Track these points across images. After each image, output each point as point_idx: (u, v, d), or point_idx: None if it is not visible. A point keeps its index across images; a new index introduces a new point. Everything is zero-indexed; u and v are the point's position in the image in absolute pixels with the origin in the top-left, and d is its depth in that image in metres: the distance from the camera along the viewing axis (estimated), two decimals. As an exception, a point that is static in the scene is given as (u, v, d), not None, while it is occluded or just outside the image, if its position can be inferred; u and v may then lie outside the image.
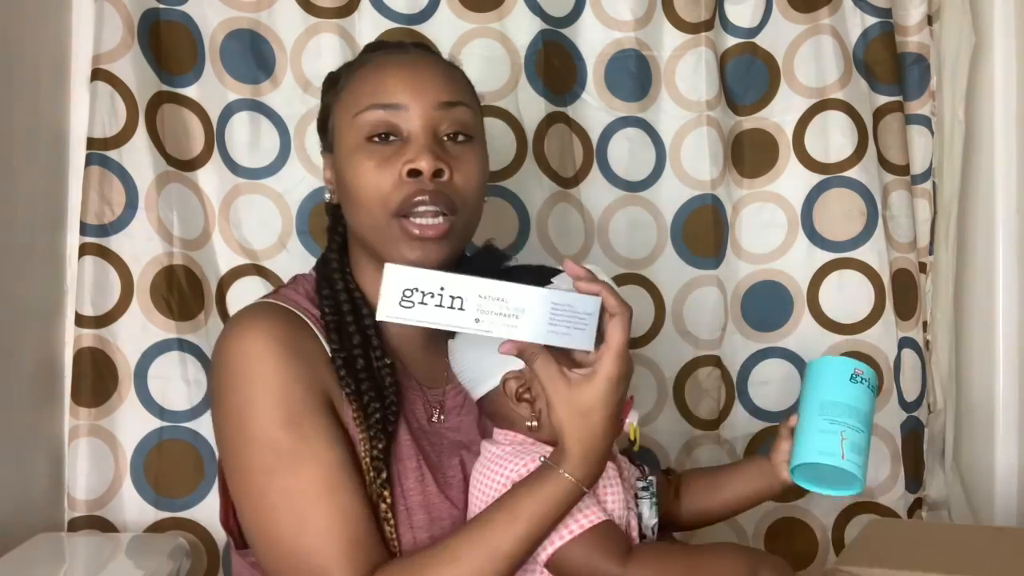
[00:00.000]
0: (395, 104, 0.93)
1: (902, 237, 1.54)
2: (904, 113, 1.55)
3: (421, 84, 0.94)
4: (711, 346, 1.52)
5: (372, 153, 0.93)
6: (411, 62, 0.97)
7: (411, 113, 0.93)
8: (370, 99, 0.94)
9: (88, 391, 1.32)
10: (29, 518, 1.26)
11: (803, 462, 0.97)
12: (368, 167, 0.93)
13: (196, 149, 1.40)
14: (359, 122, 0.94)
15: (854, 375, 0.99)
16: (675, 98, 1.52)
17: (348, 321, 0.95)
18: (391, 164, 0.92)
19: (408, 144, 0.93)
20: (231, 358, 0.91)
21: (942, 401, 1.59)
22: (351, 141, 0.95)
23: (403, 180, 0.91)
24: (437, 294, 0.79)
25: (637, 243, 1.52)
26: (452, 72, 1.00)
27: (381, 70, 0.96)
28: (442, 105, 0.94)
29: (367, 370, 0.93)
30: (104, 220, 1.34)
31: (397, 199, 0.91)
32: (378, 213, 0.93)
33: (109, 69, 1.34)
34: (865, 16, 1.53)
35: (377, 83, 0.94)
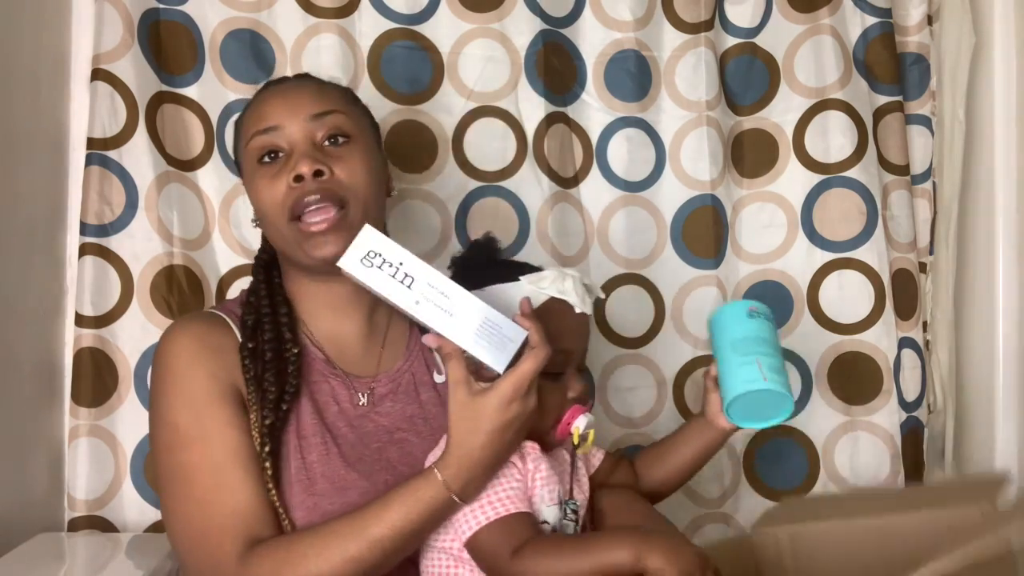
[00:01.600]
0: (272, 127, 1.04)
1: (902, 237, 1.54)
2: (904, 113, 1.55)
3: (292, 104, 1.05)
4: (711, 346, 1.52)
5: (264, 172, 1.04)
6: (283, 88, 1.09)
7: (287, 130, 1.03)
8: (253, 127, 1.05)
9: (88, 391, 1.32)
10: (29, 518, 1.26)
11: (733, 397, 1.03)
12: (263, 184, 1.03)
13: (196, 149, 1.40)
14: (249, 149, 1.05)
15: (750, 312, 1.07)
16: (675, 98, 1.52)
17: (264, 316, 1.06)
18: (280, 177, 1.02)
19: (291, 157, 1.03)
20: (155, 352, 1.04)
21: (942, 401, 1.59)
22: (248, 167, 1.06)
23: (291, 187, 1.01)
24: (395, 266, 0.89)
25: (637, 243, 1.52)
26: (323, 87, 1.10)
27: (260, 102, 1.07)
28: (314, 117, 1.04)
29: (274, 360, 1.02)
30: (104, 220, 1.34)
31: (289, 203, 1.01)
32: (279, 222, 1.03)
33: (109, 69, 1.34)
34: (865, 16, 1.54)
35: (256, 113, 1.06)
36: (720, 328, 1.09)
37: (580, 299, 0.98)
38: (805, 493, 1.52)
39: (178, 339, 1.03)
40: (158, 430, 1.00)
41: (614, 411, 1.50)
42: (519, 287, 0.98)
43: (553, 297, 0.98)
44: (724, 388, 1.05)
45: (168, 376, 1.00)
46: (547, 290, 0.98)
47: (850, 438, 1.52)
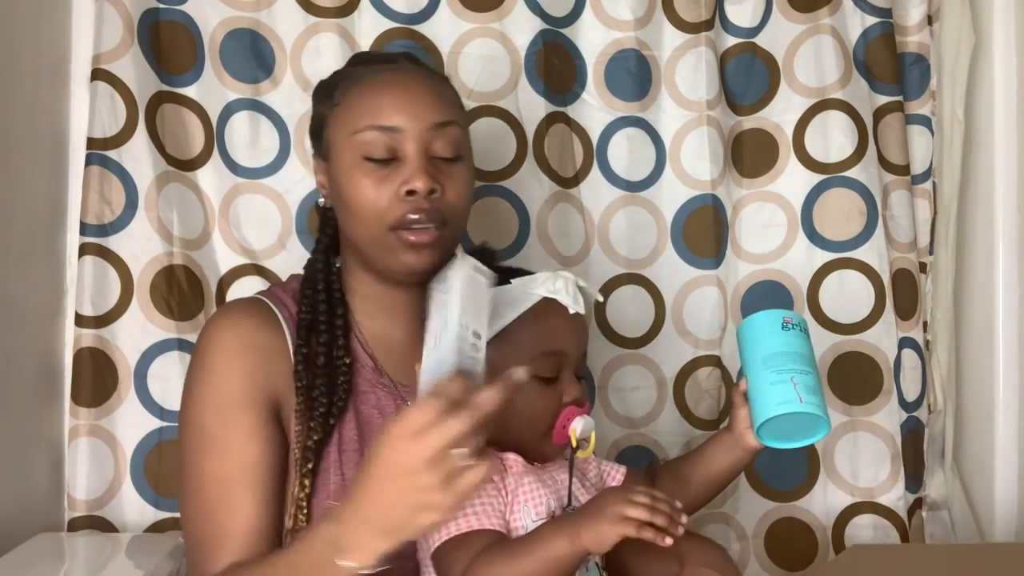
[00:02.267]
0: (392, 127, 0.98)
1: (902, 237, 1.54)
2: (904, 113, 1.55)
3: (416, 106, 0.99)
4: (711, 346, 1.52)
5: (369, 171, 0.98)
6: (405, 82, 1.01)
7: (407, 135, 0.98)
8: (368, 120, 0.98)
9: (88, 391, 1.32)
10: (29, 518, 1.26)
11: (765, 419, 0.97)
12: (366, 184, 0.98)
13: (196, 149, 1.40)
14: (356, 141, 0.98)
15: (784, 324, 1.01)
16: (675, 98, 1.52)
17: (321, 320, 1.01)
18: (388, 182, 0.97)
19: (404, 164, 0.98)
20: (198, 342, 1.02)
21: (942, 401, 1.59)
22: (349, 158, 0.99)
23: (400, 198, 0.97)
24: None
25: (637, 243, 1.52)
26: (444, 89, 1.05)
27: (377, 91, 1.00)
28: (435, 126, 0.99)
29: (326, 367, 0.99)
30: (104, 220, 1.34)
31: (394, 216, 0.97)
32: (375, 227, 0.98)
33: (109, 69, 1.34)
34: (865, 16, 1.54)
35: (374, 104, 0.99)
36: (752, 340, 1.02)
37: (572, 299, 0.96)
38: (805, 493, 1.52)
39: (221, 333, 0.99)
40: (185, 428, 0.98)
41: (614, 411, 1.50)
42: (509, 290, 0.97)
43: (544, 298, 0.96)
44: (756, 407, 0.99)
45: (204, 373, 0.98)
46: (537, 290, 0.96)
47: (850, 438, 1.52)
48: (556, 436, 0.95)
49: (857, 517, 1.51)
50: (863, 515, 1.50)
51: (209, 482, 0.95)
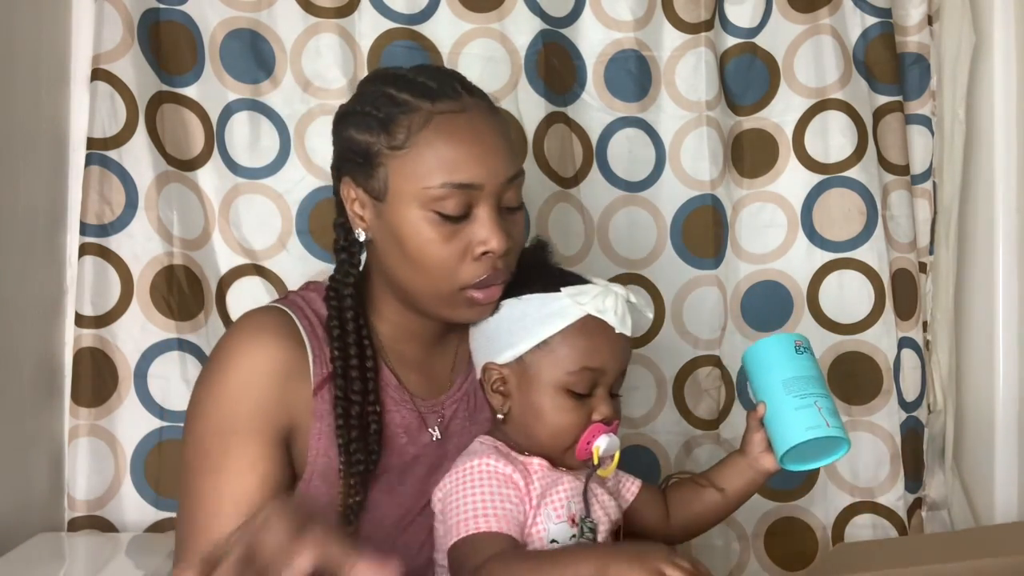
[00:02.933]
0: (470, 184, 0.91)
1: (902, 237, 1.54)
2: (904, 113, 1.55)
3: (494, 161, 0.93)
4: (711, 346, 1.52)
5: (439, 226, 0.92)
6: (481, 133, 0.93)
7: (483, 192, 0.92)
8: (444, 177, 0.91)
9: (88, 391, 1.32)
10: (29, 518, 1.26)
11: (795, 444, 0.96)
12: (435, 240, 0.92)
13: (196, 149, 1.40)
14: (428, 195, 0.91)
15: (797, 347, 1.00)
16: (675, 98, 1.52)
17: (353, 366, 0.96)
18: (458, 238, 0.92)
19: (476, 221, 0.92)
20: (216, 350, 0.97)
21: (942, 401, 1.59)
22: (416, 211, 0.92)
23: (474, 258, 0.93)
24: None
25: (637, 243, 1.52)
26: (509, 132, 0.99)
27: (454, 143, 0.92)
28: (509, 180, 0.94)
29: (360, 417, 0.96)
30: (104, 220, 1.34)
31: (467, 276, 0.93)
32: (443, 285, 0.94)
33: (109, 69, 1.34)
34: (865, 16, 1.53)
35: (451, 159, 0.91)
36: (766, 365, 1.01)
37: (620, 319, 0.95)
38: (805, 493, 1.52)
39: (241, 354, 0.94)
40: (187, 438, 0.95)
41: (614, 411, 1.50)
42: (558, 298, 0.96)
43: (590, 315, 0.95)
44: (779, 433, 0.97)
45: (215, 391, 0.94)
46: (585, 306, 0.95)
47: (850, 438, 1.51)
48: (579, 451, 0.95)
49: (857, 517, 1.51)
50: (863, 515, 1.50)
51: (200, 503, 0.92)
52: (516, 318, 0.97)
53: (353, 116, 0.96)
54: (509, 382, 0.97)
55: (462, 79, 0.99)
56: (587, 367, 0.94)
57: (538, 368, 0.95)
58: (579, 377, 0.94)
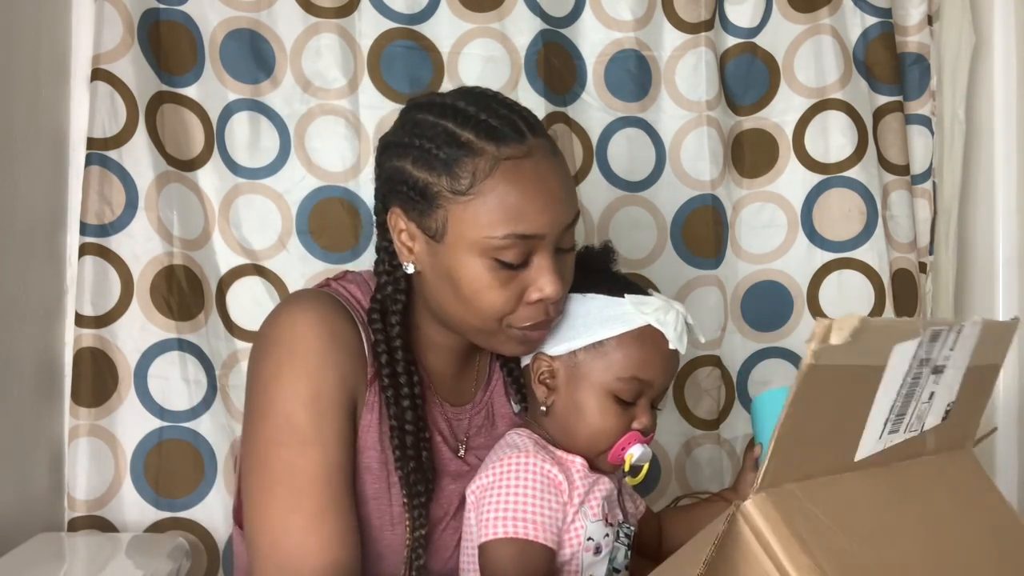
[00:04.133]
0: (534, 235, 0.90)
1: (902, 237, 1.54)
2: (904, 113, 1.55)
3: (556, 209, 0.91)
4: (711, 346, 1.52)
5: (497, 272, 0.91)
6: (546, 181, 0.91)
7: (545, 241, 0.91)
8: (508, 228, 0.89)
9: (88, 391, 1.32)
10: (29, 518, 1.26)
11: None
12: (492, 286, 0.91)
13: (196, 149, 1.40)
14: (490, 244, 0.90)
15: None
16: (675, 98, 1.52)
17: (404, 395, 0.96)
18: (515, 283, 0.92)
19: (535, 269, 0.92)
20: (276, 327, 0.94)
21: (942, 401, 1.59)
22: (475, 258, 0.91)
23: (528, 303, 0.92)
24: None
25: (637, 243, 1.52)
26: (568, 175, 0.96)
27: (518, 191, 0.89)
28: (567, 227, 0.93)
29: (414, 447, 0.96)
30: (104, 220, 1.34)
31: (521, 320, 0.93)
32: (493, 324, 0.94)
33: (109, 69, 1.34)
34: (865, 16, 1.53)
35: (516, 211, 0.89)
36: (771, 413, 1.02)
37: (677, 335, 0.96)
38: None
39: (314, 323, 0.93)
40: (267, 417, 0.91)
41: (614, 411, 1.50)
42: (621, 303, 0.97)
43: (650, 324, 0.96)
44: None
45: (295, 361, 0.91)
46: (647, 316, 0.96)
47: (850, 438, 1.52)
48: (612, 455, 0.97)
49: (857, 517, 1.51)
50: (863, 515, 1.50)
51: (312, 482, 0.90)
52: (578, 314, 0.98)
53: (409, 149, 0.93)
54: (558, 376, 0.98)
55: (524, 115, 0.95)
56: (637, 376, 0.95)
57: (590, 367, 0.96)
58: (628, 385, 0.96)
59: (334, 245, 1.41)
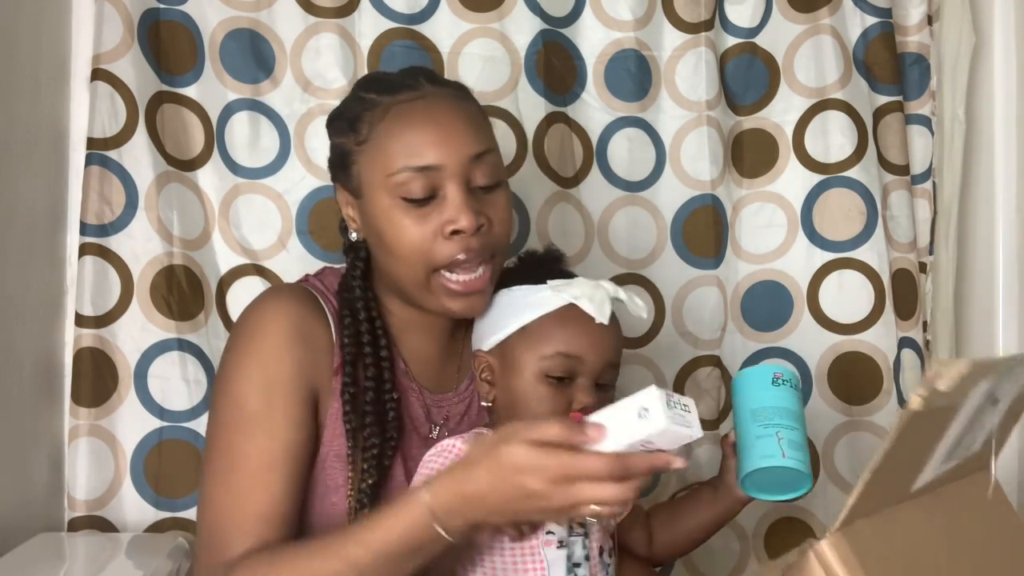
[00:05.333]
0: (429, 166, 0.94)
1: (902, 237, 1.54)
2: (904, 113, 1.55)
3: (452, 140, 0.95)
4: (711, 346, 1.52)
5: (408, 211, 0.94)
6: (437, 114, 0.96)
7: (445, 172, 0.94)
8: (403, 161, 0.94)
9: (88, 391, 1.32)
10: (29, 518, 1.26)
11: (749, 471, 0.98)
12: (406, 225, 0.94)
13: (196, 149, 1.40)
14: (392, 182, 0.94)
15: (775, 379, 1.01)
16: (675, 98, 1.52)
17: (366, 353, 0.99)
18: (429, 221, 0.94)
19: (445, 201, 0.94)
20: (246, 319, 0.99)
21: (942, 401, 1.59)
22: (385, 200, 0.95)
23: (445, 238, 0.94)
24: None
25: (637, 243, 1.52)
26: (474, 114, 1.00)
27: (409, 127, 0.95)
28: (474, 158, 0.95)
29: (374, 403, 0.97)
30: (104, 220, 1.34)
31: (440, 257, 0.95)
32: (419, 269, 0.96)
33: (109, 69, 1.34)
34: (865, 16, 1.53)
35: (407, 143, 0.94)
36: (742, 393, 1.03)
37: (597, 307, 0.96)
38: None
39: (275, 316, 0.97)
40: (223, 401, 0.96)
41: (614, 411, 1.50)
42: (542, 289, 0.98)
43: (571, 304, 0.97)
44: (741, 459, 1.00)
45: (253, 350, 0.95)
46: (563, 294, 0.97)
47: (850, 438, 1.52)
48: None
49: (857, 517, 1.51)
50: (863, 515, 1.50)
51: (246, 462, 0.92)
52: (503, 306, 1.00)
53: (331, 123, 1.02)
54: (495, 369, 1.00)
55: (430, 73, 1.03)
56: (561, 352, 0.96)
57: (518, 354, 0.98)
58: (554, 362, 0.96)
59: (334, 245, 1.41)
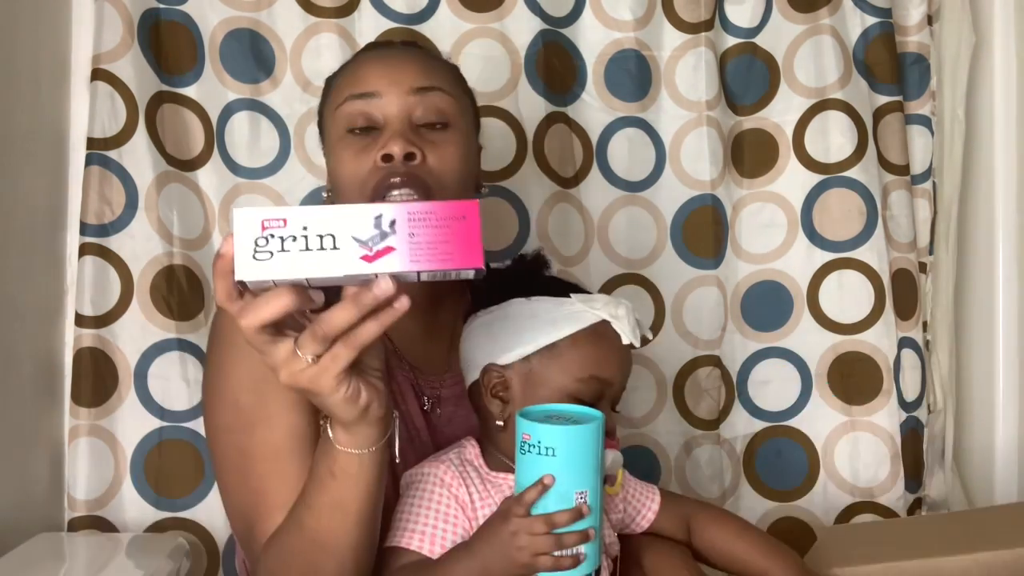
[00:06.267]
0: (369, 92, 0.97)
1: (902, 237, 1.54)
2: (904, 113, 1.55)
3: (395, 71, 0.98)
4: (711, 346, 1.52)
5: (351, 143, 0.97)
6: (388, 53, 1.01)
7: (385, 100, 0.96)
8: (347, 91, 0.98)
9: (88, 391, 1.32)
10: (29, 518, 1.26)
11: None
12: (347, 156, 0.97)
13: (196, 149, 1.40)
14: (339, 115, 0.98)
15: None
16: (675, 98, 1.52)
17: None
18: (368, 152, 0.96)
19: (383, 132, 0.96)
20: (216, 322, 0.98)
21: (942, 401, 1.59)
22: (334, 134, 0.99)
23: (377, 165, 0.95)
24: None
25: (637, 243, 1.52)
26: (431, 61, 1.03)
27: (359, 64, 1.00)
28: (416, 91, 0.97)
29: None
30: (104, 220, 1.34)
31: (371, 183, 0.95)
32: (356, 198, 0.96)
33: (109, 69, 1.34)
34: (865, 16, 1.54)
35: (354, 75, 0.99)
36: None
37: (631, 329, 0.91)
38: (805, 493, 1.52)
39: None
40: (217, 408, 0.94)
41: (614, 411, 1.50)
42: (571, 303, 0.92)
43: (604, 320, 0.91)
44: None
45: (234, 349, 0.93)
46: (599, 311, 0.91)
47: (850, 438, 1.52)
48: None
49: (857, 517, 1.51)
50: (863, 515, 1.50)
51: (253, 457, 0.91)
52: (525, 316, 0.92)
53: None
54: (511, 386, 0.92)
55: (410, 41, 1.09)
56: (596, 375, 0.91)
57: (545, 372, 0.90)
58: (587, 386, 0.90)
59: (334, 245, 1.41)
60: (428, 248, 0.66)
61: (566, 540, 0.79)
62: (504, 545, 0.80)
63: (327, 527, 0.81)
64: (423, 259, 0.66)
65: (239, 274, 0.65)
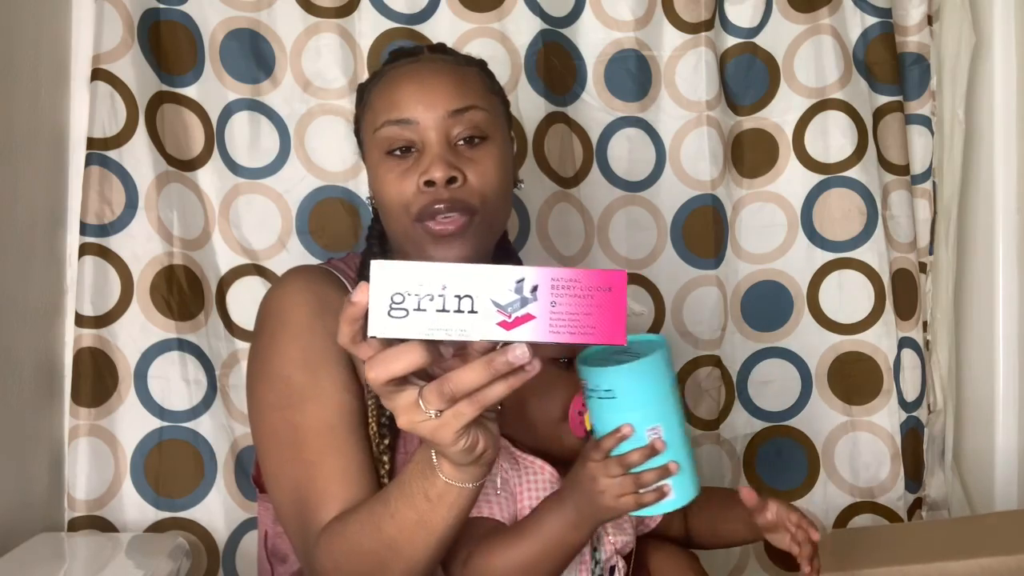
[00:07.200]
0: (406, 119, 0.98)
1: (902, 237, 1.54)
2: (904, 113, 1.56)
3: (430, 96, 0.98)
4: (711, 346, 1.52)
5: (392, 166, 0.99)
6: (419, 73, 1.01)
7: (422, 126, 0.98)
8: (385, 115, 0.99)
9: (88, 391, 1.32)
10: (29, 518, 1.26)
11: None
12: (390, 179, 0.99)
13: (196, 149, 1.40)
14: (378, 138, 1.00)
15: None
16: (675, 98, 1.52)
17: None
18: (410, 175, 0.98)
19: (424, 154, 0.98)
20: (269, 302, 1.01)
21: (942, 401, 1.59)
22: (375, 155, 1.01)
23: (421, 190, 0.97)
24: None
25: (637, 243, 1.52)
26: (463, 75, 1.02)
27: (393, 85, 1.00)
28: (452, 113, 0.98)
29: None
30: (104, 220, 1.34)
31: (416, 207, 0.97)
32: (403, 220, 0.99)
33: (109, 69, 1.34)
34: (865, 16, 1.54)
35: (390, 99, 0.99)
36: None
37: None
38: (805, 493, 1.52)
39: (300, 292, 0.99)
40: (267, 384, 0.96)
41: (614, 411, 1.50)
42: None
43: None
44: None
45: (287, 329, 0.97)
46: None
47: (850, 438, 1.52)
48: (573, 426, 0.93)
49: (857, 517, 1.51)
50: (863, 515, 1.51)
51: (309, 434, 0.92)
52: None
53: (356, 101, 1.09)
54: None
55: (441, 45, 1.09)
56: None
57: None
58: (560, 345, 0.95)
59: (334, 245, 1.41)
60: (570, 320, 0.63)
61: (645, 478, 0.82)
62: (588, 491, 0.84)
63: (408, 539, 0.81)
64: (563, 331, 0.63)
65: (372, 330, 0.63)
